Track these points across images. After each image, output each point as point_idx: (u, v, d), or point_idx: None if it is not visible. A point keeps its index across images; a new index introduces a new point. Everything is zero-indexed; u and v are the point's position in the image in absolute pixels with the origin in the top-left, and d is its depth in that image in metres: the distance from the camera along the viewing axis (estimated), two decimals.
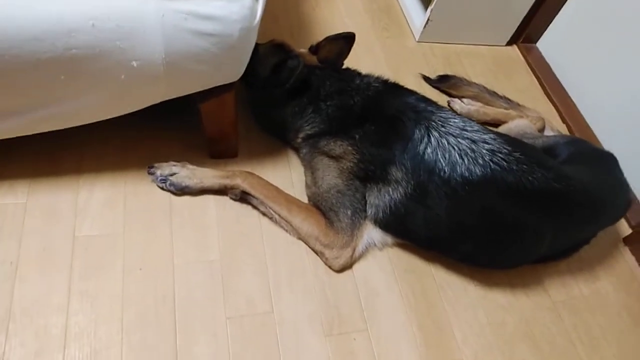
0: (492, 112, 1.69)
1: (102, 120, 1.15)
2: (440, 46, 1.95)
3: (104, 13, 0.95)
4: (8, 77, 0.97)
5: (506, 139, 1.18)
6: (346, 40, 1.36)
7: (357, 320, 1.21)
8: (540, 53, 2.02)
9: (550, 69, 1.97)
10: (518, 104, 1.72)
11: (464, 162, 1.13)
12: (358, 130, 1.23)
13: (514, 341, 1.26)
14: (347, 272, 1.27)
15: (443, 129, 1.16)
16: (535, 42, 2.04)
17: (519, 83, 1.93)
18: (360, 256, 1.29)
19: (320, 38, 1.80)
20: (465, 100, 1.72)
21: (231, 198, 1.32)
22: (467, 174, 1.12)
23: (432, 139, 1.16)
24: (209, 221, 1.28)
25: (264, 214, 1.31)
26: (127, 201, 1.26)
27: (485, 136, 1.15)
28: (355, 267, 1.28)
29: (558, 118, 1.83)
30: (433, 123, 1.17)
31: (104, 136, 1.33)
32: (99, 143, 1.33)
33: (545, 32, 1.99)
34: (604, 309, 1.38)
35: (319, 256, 1.27)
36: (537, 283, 1.38)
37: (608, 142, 1.69)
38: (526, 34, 2.00)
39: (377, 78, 1.32)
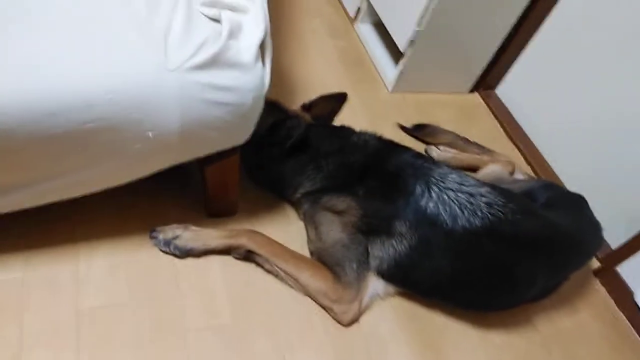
0: (466, 158, 1.80)
1: None
2: (411, 96, 2.07)
3: (122, 86, 0.95)
4: (19, 153, 0.94)
5: (499, 191, 1.27)
6: (339, 99, 1.43)
7: None
8: (499, 98, 2.19)
9: (510, 112, 2.13)
10: (489, 150, 1.85)
11: (464, 214, 1.20)
12: (360, 186, 1.29)
13: None
14: (355, 326, 1.29)
15: (442, 184, 1.24)
16: (494, 88, 2.21)
17: (483, 128, 2.08)
18: (366, 308, 1.32)
19: (302, 90, 1.90)
20: (441, 147, 1.83)
21: (235, 257, 1.31)
22: (467, 225, 1.20)
23: (433, 193, 1.23)
24: (215, 283, 1.27)
25: (269, 272, 1.32)
26: (130, 268, 1.23)
27: (481, 189, 1.24)
28: (362, 319, 1.31)
29: (522, 160, 1.98)
30: (432, 179, 1.25)
31: (97, 201, 1.28)
32: (93, 209, 1.29)
33: (503, 78, 2.16)
34: (586, 339, 1.49)
35: (327, 311, 1.28)
36: (527, 321, 1.46)
37: (569, 180, 1.85)
38: (486, 81, 2.17)
39: (373, 135, 1.39)
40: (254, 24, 1.11)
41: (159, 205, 1.36)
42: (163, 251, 1.27)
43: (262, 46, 1.11)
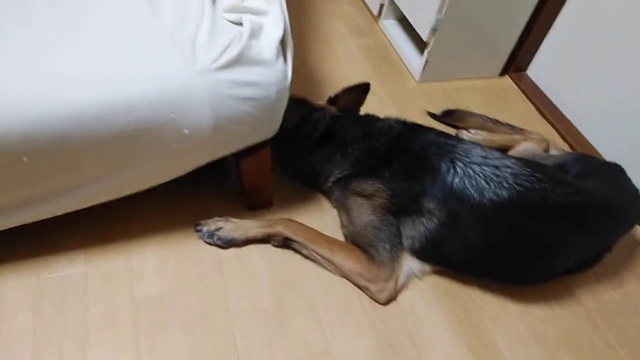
0: (498, 138, 1.81)
1: None
2: (438, 84, 2.10)
3: (158, 90, 1.06)
4: (73, 156, 1.06)
5: (525, 162, 1.28)
6: (362, 89, 1.49)
7: (409, 349, 1.26)
8: (530, 79, 2.17)
9: (543, 93, 2.11)
10: (521, 129, 1.84)
11: (491, 187, 1.22)
12: (387, 169, 1.33)
13: (558, 352, 1.32)
14: (393, 304, 1.34)
15: (467, 159, 1.27)
16: (525, 69, 2.20)
17: (516, 110, 2.07)
18: (403, 287, 1.36)
19: (330, 88, 1.96)
20: (471, 130, 1.84)
21: (274, 245, 1.39)
22: (495, 197, 1.22)
23: (458, 169, 1.26)
24: (257, 269, 1.35)
25: (306, 257, 1.38)
26: (178, 260, 1.34)
27: (506, 161, 1.26)
28: (400, 297, 1.35)
29: (559, 138, 1.96)
30: (457, 155, 1.28)
31: (146, 199, 1.40)
32: (143, 207, 1.41)
33: (533, 59, 2.15)
34: (634, 310, 1.45)
35: (364, 291, 1.34)
36: (568, 294, 1.45)
37: (608, 153, 1.81)
38: (516, 63, 2.16)
39: (397, 120, 1.44)
40: (273, 24, 1.19)
41: (202, 201, 1.47)
42: (207, 242, 1.37)
43: (282, 44, 1.19)
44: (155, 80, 1.06)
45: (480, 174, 1.24)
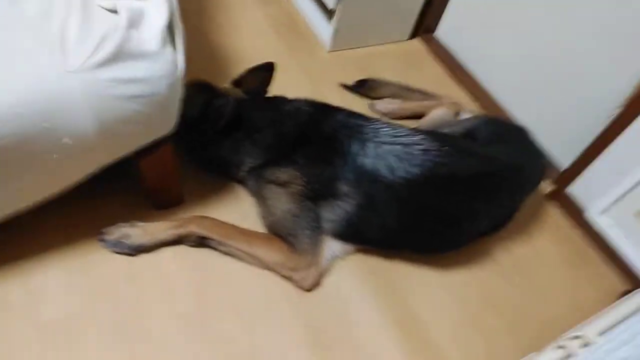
0: (411, 106, 1.81)
1: None
2: (350, 52, 2.05)
3: (26, 97, 0.92)
4: None
5: (433, 136, 1.29)
6: (267, 69, 1.41)
7: (338, 331, 1.27)
8: (439, 42, 2.17)
9: (452, 55, 2.13)
10: (433, 94, 1.86)
11: (401, 165, 1.22)
12: (299, 154, 1.29)
13: (480, 313, 1.38)
14: (318, 289, 1.32)
15: (377, 139, 1.25)
16: (433, 31, 2.20)
17: (428, 74, 2.07)
18: (326, 271, 1.35)
19: (236, 65, 1.86)
20: (385, 100, 1.83)
21: (188, 245, 1.32)
22: (406, 175, 1.22)
23: (368, 149, 1.24)
24: (172, 274, 1.27)
25: (225, 253, 1.33)
26: (85, 274, 1.23)
27: (415, 138, 1.25)
28: (325, 281, 1.34)
29: (469, 99, 1.99)
30: (366, 135, 1.26)
31: (40, 213, 1.26)
32: (37, 222, 1.26)
33: (440, 20, 2.15)
34: (545, 263, 1.55)
35: (288, 280, 1.31)
36: (485, 254, 1.51)
37: (517, 114, 1.87)
38: (424, 26, 2.15)
39: (305, 101, 1.38)
40: (156, 9, 1.07)
41: (104, 206, 1.35)
42: (114, 252, 1.27)
43: (169, 30, 1.08)
44: (20, 87, 0.91)
45: (391, 153, 1.23)
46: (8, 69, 0.92)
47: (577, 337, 1.19)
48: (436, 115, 1.71)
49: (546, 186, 1.69)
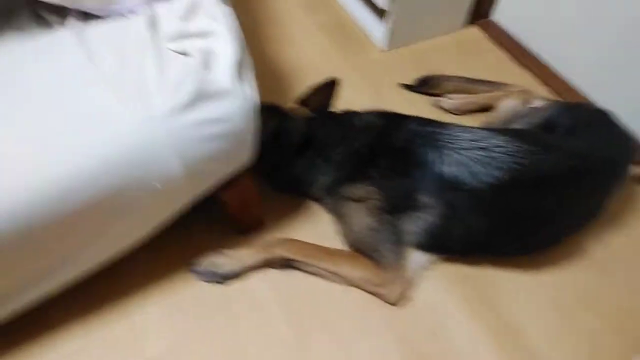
0: (478, 99, 1.74)
1: None
2: (405, 49, 2.00)
3: (115, 150, 0.95)
4: (37, 244, 0.97)
5: (513, 134, 1.23)
6: (330, 85, 1.40)
7: (433, 344, 1.24)
8: (498, 25, 2.07)
9: (513, 37, 2.02)
10: (499, 84, 1.77)
11: (483, 169, 1.17)
12: (374, 169, 1.27)
13: (579, 314, 1.31)
14: (408, 302, 1.30)
15: (454, 145, 1.21)
16: (490, 16, 2.10)
17: (489, 61, 1.99)
18: (413, 283, 1.33)
19: (296, 78, 1.86)
20: (450, 96, 1.77)
21: (275, 268, 1.34)
22: (490, 179, 1.17)
23: (447, 157, 1.20)
24: (264, 298, 1.30)
25: (311, 273, 1.33)
26: (182, 307, 1.27)
27: (494, 140, 1.20)
28: (414, 294, 1.32)
29: (539, 85, 1.89)
30: (443, 142, 1.22)
31: (131, 254, 1.32)
32: (132, 261, 1.31)
33: (497, 2, 2.05)
34: None
35: (376, 297, 1.30)
36: (578, 249, 1.43)
37: (594, 93, 1.75)
38: (479, 11, 2.06)
39: (374, 113, 1.35)
40: (224, 45, 1.09)
41: (190, 238, 1.39)
42: (207, 282, 1.30)
43: (238, 64, 1.09)
44: (109, 141, 0.95)
45: (471, 158, 1.19)
46: (94, 127, 0.96)
47: None
48: (506, 107, 1.64)
49: (635, 169, 1.58)
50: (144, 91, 0.99)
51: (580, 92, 1.79)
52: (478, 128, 1.27)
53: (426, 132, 1.26)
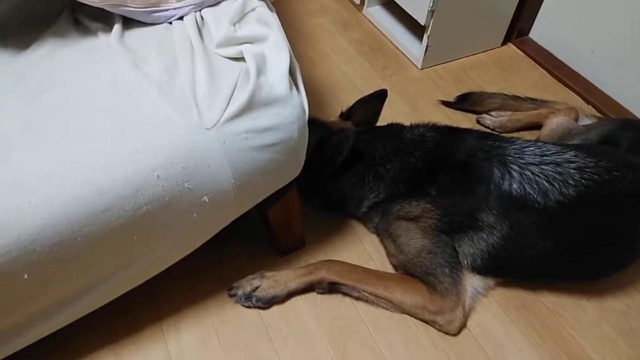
0: (523, 117, 1.67)
1: None
2: (442, 67, 1.94)
3: (166, 159, 0.88)
4: (82, 257, 0.88)
5: (586, 150, 1.14)
6: (379, 98, 1.33)
7: None
8: (536, 43, 2.02)
9: (552, 54, 1.97)
10: (543, 101, 1.71)
11: (555, 187, 1.08)
12: (431, 185, 1.18)
13: None
14: (464, 332, 1.20)
15: (522, 160, 1.12)
16: (528, 33, 2.05)
17: (528, 78, 1.92)
18: (470, 310, 1.23)
19: (331, 95, 1.80)
20: (493, 113, 1.69)
21: (319, 292, 1.24)
22: (561, 198, 1.08)
23: (514, 173, 1.11)
24: (307, 325, 1.20)
25: (357, 299, 1.23)
26: (219, 333, 1.18)
27: (566, 155, 1.12)
28: (469, 323, 1.21)
29: (581, 101, 1.82)
30: (509, 157, 1.13)
31: (168, 274, 1.23)
32: (167, 284, 1.23)
33: (535, 20, 2.00)
34: None
35: (431, 325, 1.19)
36: None
37: (637, 107, 1.68)
38: (518, 28, 2.01)
39: (426, 126, 1.28)
40: (277, 50, 1.02)
41: (229, 259, 1.30)
42: (246, 306, 1.21)
43: (290, 70, 1.02)
44: (160, 150, 0.88)
45: (541, 175, 1.10)
46: (146, 135, 0.89)
47: None
48: (556, 124, 1.56)
49: None
50: (196, 99, 0.92)
51: (626, 108, 1.72)
52: (544, 143, 1.18)
53: (489, 146, 1.17)
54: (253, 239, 1.35)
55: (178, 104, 0.91)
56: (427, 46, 1.84)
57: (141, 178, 0.86)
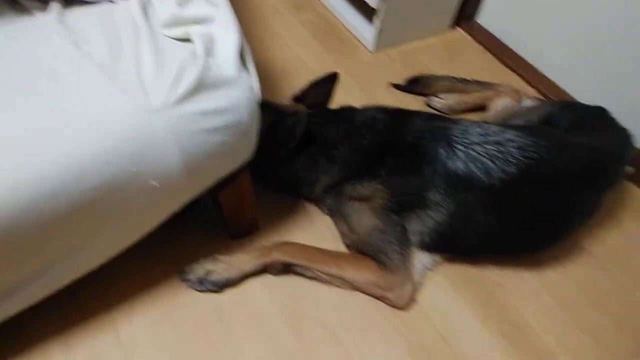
0: (470, 99, 1.72)
1: None
2: (394, 50, 1.97)
3: (111, 143, 0.86)
4: (27, 243, 0.86)
5: (527, 130, 1.20)
6: (330, 80, 1.34)
7: (443, 348, 1.19)
8: (482, 27, 2.08)
9: (497, 39, 2.03)
10: (489, 84, 1.77)
11: (497, 166, 1.14)
12: (381, 166, 1.21)
13: (584, 310, 1.30)
14: (413, 305, 1.25)
15: (466, 140, 1.17)
16: (475, 17, 2.10)
17: (475, 62, 1.98)
18: (419, 285, 1.27)
19: (284, 79, 1.79)
20: (442, 95, 1.74)
21: (273, 274, 1.25)
22: (504, 176, 1.13)
23: (459, 153, 1.16)
24: (262, 306, 1.21)
25: (311, 278, 1.26)
26: (172, 317, 1.17)
27: (508, 135, 1.17)
28: (419, 297, 1.26)
29: (525, 84, 1.90)
30: (455, 138, 1.18)
31: (118, 259, 1.21)
32: (118, 268, 1.18)
33: (481, 6, 2.05)
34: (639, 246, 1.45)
35: (382, 301, 1.24)
36: (577, 247, 1.42)
37: (580, 93, 1.77)
38: (465, 12, 2.06)
39: (377, 109, 1.30)
40: (225, 31, 1.01)
41: (181, 243, 1.29)
42: (199, 290, 1.20)
43: (240, 51, 1.01)
44: (105, 133, 0.85)
45: (484, 154, 1.15)
46: (88, 116, 0.86)
47: None
48: (500, 106, 1.62)
49: (627, 168, 1.59)
50: (142, 81, 0.90)
51: (565, 92, 1.81)
52: (488, 123, 1.23)
53: (435, 127, 1.21)
54: (206, 222, 1.34)
55: (123, 86, 0.88)
56: (378, 29, 1.85)
57: (86, 163, 0.84)
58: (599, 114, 1.41)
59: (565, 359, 1.21)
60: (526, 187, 1.15)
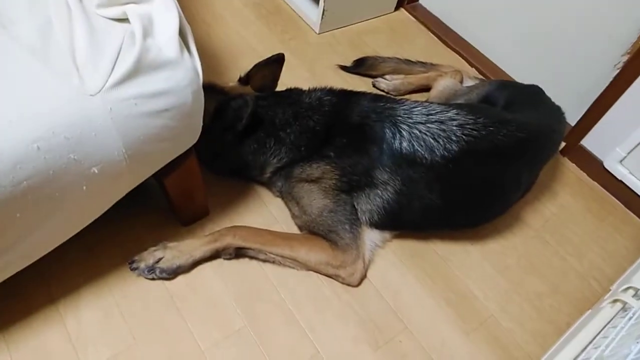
0: (414, 79, 1.76)
1: None
2: (340, 32, 1.98)
3: (46, 129, 0.82)
4: None
5: (467, 109, 1.25)
6: (277, 62, 1.33)
7: (394, 323, 1.23)
8: (425, 9, 2.13)
9: (440, 20, 2.09)
10: (432, 64, 1.81)
11: (440, 143, 1.18)
12: (329, 147, 1.22)
13: (522, 278, 1.38)
14: (365, 282, 1.28)
15: (410, 120, 1.20)
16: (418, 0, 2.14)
17: (419, 43, 2.03)
18: (370, 262, 1.31)
19: (230, 62, 1.76)
20: (387, 76, 1.77)
21: (225, 258, 1.25)
22: (446, 153, 1.18)
23: (404, 132, 1.19)
24: (215, 291, 1.20)
25: (264, 261, 1.26)
26: (122, 307, 1.14)
27: (449, 114, 1.21)
28: (370, 273, 1.30)
29: (466, 64, 1.96)
30: (399, 118, 1.20)
31: (62, 250, 1.16)
32: (61, 260, 1.16)
33: None
34: (573, 217, 1.56)
35: (334, 279, 1.26)
36: (517, 220, 1.50)
37: (517, 72, 1.86)
38: None
39: (324, 90, 1.30)
40: (164, 10, 0.97)
41: (128, 231, 1.25)
42: (149, 279, 1.18)
43: (180, 32, 0.98)
44: (37, 119, 0.81)
45: (427, 133, 1.18)
46: (21, 102, 0.81)
47: (629, 289, 1.20)
48: (443, 86, 1.67)
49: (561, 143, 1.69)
50: (75, 63, 0.86)
51: (504, 71, 1.89)
52: (433, 104, 1.27)
53: (381, 107, 1.23)
54: (154, 209, 1.31)
55: (55, 69, 0.84)
56: (323, 10, 1.85)
57: (19, 150, 0.79)
58: (534, 92, 1.49)
59: (506, 323, 1.28)
60: (467, 163, 1.20)
